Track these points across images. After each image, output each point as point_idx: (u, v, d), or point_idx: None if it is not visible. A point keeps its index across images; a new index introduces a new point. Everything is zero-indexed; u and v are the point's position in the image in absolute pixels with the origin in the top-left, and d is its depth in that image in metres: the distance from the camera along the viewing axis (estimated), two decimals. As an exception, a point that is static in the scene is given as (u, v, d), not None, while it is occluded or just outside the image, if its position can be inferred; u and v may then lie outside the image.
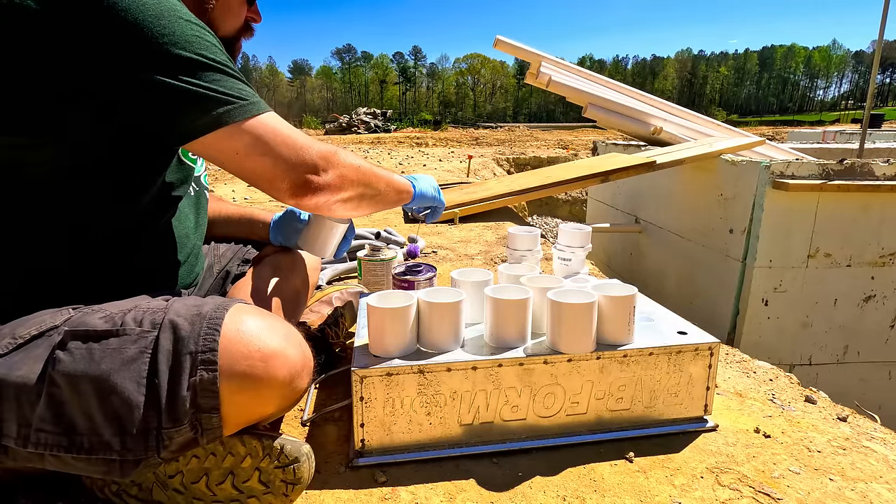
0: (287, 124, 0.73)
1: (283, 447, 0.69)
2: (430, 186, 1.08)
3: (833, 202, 2.40)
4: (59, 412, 0.59)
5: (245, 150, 0.69)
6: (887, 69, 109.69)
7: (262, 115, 0.70)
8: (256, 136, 0.69)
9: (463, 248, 2.36)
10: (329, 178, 0.76)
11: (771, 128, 23.38)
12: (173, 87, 0.63)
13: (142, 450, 0.61)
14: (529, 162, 8.18)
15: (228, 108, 0.67)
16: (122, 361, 0.61)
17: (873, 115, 11.95)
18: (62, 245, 0.70)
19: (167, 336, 0.62)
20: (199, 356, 0.61)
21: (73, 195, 0.69)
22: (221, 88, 0.66)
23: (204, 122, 0.66)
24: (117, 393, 0.59)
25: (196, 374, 0.61)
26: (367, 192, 0.85)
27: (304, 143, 0.74)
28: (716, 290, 2.71)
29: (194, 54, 0.64)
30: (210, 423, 0.63)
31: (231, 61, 0.70)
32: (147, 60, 0.62)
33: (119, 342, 0.62)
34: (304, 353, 0.69)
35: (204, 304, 0.66)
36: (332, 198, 0.78)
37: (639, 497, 0.78)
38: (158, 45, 0.62)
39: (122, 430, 0.60)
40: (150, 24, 0.61)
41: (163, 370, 0.61)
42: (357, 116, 18.83)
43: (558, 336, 0.85)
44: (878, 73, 3.64)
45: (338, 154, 0.79)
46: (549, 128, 24.64)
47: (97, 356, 0.61)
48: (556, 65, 3.93)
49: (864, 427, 1.01)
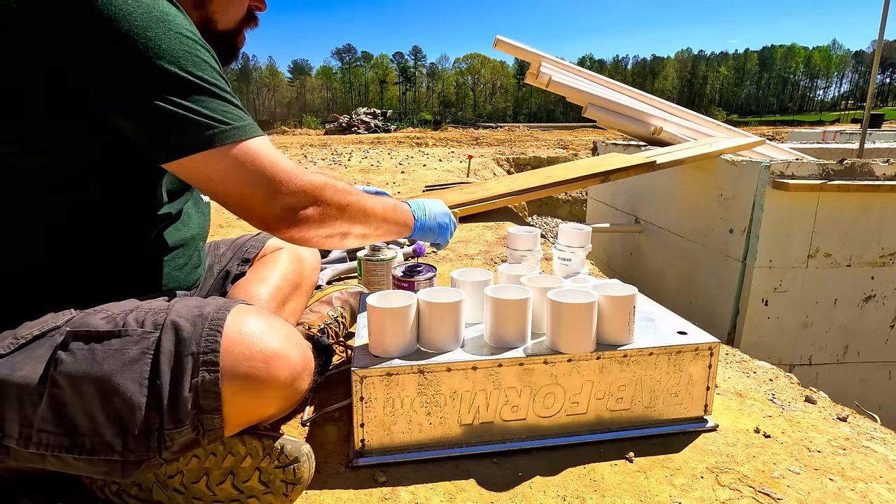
0: (273, 151, 0.70)
1: (284, 447, 0.69)
2: (435, 220, 1.02)
3: (833, 202, 2.40)
4: (61, 413, 0.59)
5: (220, 177, 0.66)
6: (887, 69, 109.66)
7: (246, 141, 0.67)
8: (235, 163, 0.66)
9: (463, 248, 2.36)
10: (309, 213, 0.73)
11: (771, 128, 23.38)
12: (153, 106, 0.61)
13: (143, 451, 0.61)
14: (529, 162, 8.18)
15: (209, 132, 0.64)
16: (124, 362, 0.61)
17: (873, 115, 11.95)
18: (67, 249, 0.70)
19: (169, 337, 0.62)
20: (200, 357, 0.61)
21: (72, 201, 0.68)
22: (204, 110, 0.63)
23: (181, 146, 0.63)
24: (119, 394, 0.59)
25: (198, 376, 0.61)
26: (352, 231, 0.82)
27: (288, 173, 0.70)
28: (716, 290, 2.71)
29: (181, 71, 0.62)
30: (212, 423, 0.63)
31: (222, 78, 0.67)
32: (128, 75, 0.60)
33: (121, 343, 0.62)
34: (305, 354, 0.69)
35: (206, 305, 0.66)
36: (310, 234, 0.75)
37: (639, 497, 0.78)
38: (142, 59, 0.59)
39: (124, 430, 0.60)
40: (135, 36, 0.59)
41: (165, 371, 0.61)
42: (357, 116, 18.83)
43: (558, 336, 0.85)
44: (878, 73, 3.64)
45: (324, 190, 0.75)
46: (549, 128, 24.64)
47: (99, 357, 0.61)
48: (556, 65, 3.93)
49: (864, 427, 1.01)
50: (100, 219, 0.71)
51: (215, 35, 0.82)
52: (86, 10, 0.58)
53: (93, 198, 0.70)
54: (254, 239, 1.19)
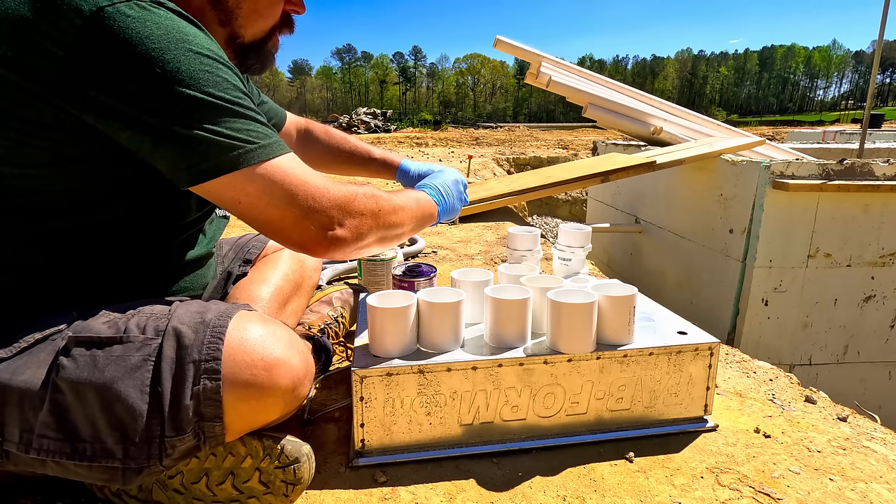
0: (302, 167, 0.68)
1: (284, 447, 0.69)
2: (454, 194, 1.02)
3: (833, 202, 2.40)
4: (62, 419, 0.59)
5: (248, 200, 0.64)
6: (887, 69, 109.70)
7: (273, 160, 0.64)
8: (262, 184, 0.63)
9: (463, 248, 2.36)
10: (345, 232, 0.70)
11: (771, 128, 23.38)
12: (173, 132, 0.59)
13: (144, 458, 0.61)
14: (529, 162, 8.17)
15: (232, 153, 0.62)
16: (125, 369, 0.60)
17: (873, 115, 11.95)
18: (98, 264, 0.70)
19: (171, 344, 0.62)
20: (202, 365, 0.61)
21: (100, 220, 0.68)
22: (226, 131, 0.61)
23: (203, 169, 0.61)
24: (121, 401, 0.59)
25: (199, 384, 0.61)
26: (387, 235, 0.79)
27: (319, 189, 0.67)
28: (716, 290, 2.71)
29: (200, 93, 0.59)
30: (213, 431, 0.63)
31: (246, 95, 0.65)
32: (147, 99, 0.58)
33: (123, 349, 0.62)
34: (306, 361, 0.69)
35: (207, 311, 0.66)
36: (348, 249, 0.73)
37: (639, 497, 0.78)
38: (161, 83, 0.57)
39: (125, 438, 0.60)
40: (153, 59, 0.57)
41: (166, 379, 0.60)
42: (357, 116, 18.84)
43: (558, 336, 0.85)
44: (878, 73, 3.64)
45: (356, 200, 0.72)
46: (549, 128, 24.64)
47: (101, 363, 0.60)
48: (556, 65, 3.93)
49: (864, 427, 1.01)
50: (127, 235, 0.71)
51: (245, 47, 0.80)
52: (105, 36, 0.56)
53: (122, 215, 0.69)
54: (255, 239, 1.19)
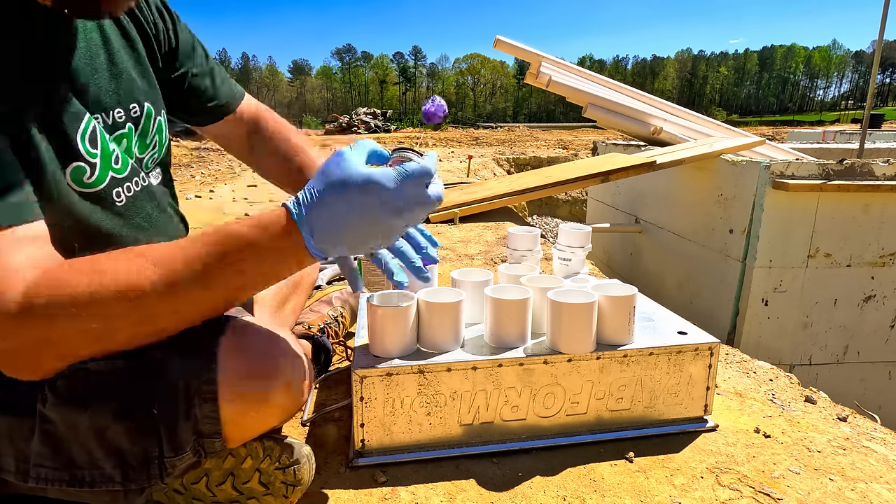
0: None
1: (284, 449, 0.69)
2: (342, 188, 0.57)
3: (833, 202, 2.40)
4: (56, 448, 0.57)
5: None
6: (887, 69, 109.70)
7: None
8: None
9: (463, 248, 2.36)
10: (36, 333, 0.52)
11: (771, 128, 23.39)
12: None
13: (144, 479, 0.59)
14: (529, 162, 8.17)
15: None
16: (116, 395, 0.58)
17: (873, 115, 11.95)
18: None
19: (162, 366, 0.59)
20: (196, 385, 0.59)
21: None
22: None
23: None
24: (114, 427, 0.57)
25: (195, 403, 0.59)
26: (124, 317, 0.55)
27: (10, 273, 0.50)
28: (716, 290, 2.71)
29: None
30: (213, 447, 0.62)
31: None
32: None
33: (111, 375, 0.58)
34: (304, 367, 0.68)
35: (198, 327, 0.61)
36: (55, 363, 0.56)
37: (639, 497, 0.78)
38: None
39: (123, 462, 0.58)
40: None
41: (160, 402, 0.58)
42: (357, 116, 18.83)
43: (558, 336, 0.85)
44: (878, 73, 3.64)
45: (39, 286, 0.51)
46: (549, 128, 24.65)
47: (90, 390, 0.58)
48: (556, 65, 3.93)
49: (864, 427, 1.01)
50: None
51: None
52: None
53: None
54: None
